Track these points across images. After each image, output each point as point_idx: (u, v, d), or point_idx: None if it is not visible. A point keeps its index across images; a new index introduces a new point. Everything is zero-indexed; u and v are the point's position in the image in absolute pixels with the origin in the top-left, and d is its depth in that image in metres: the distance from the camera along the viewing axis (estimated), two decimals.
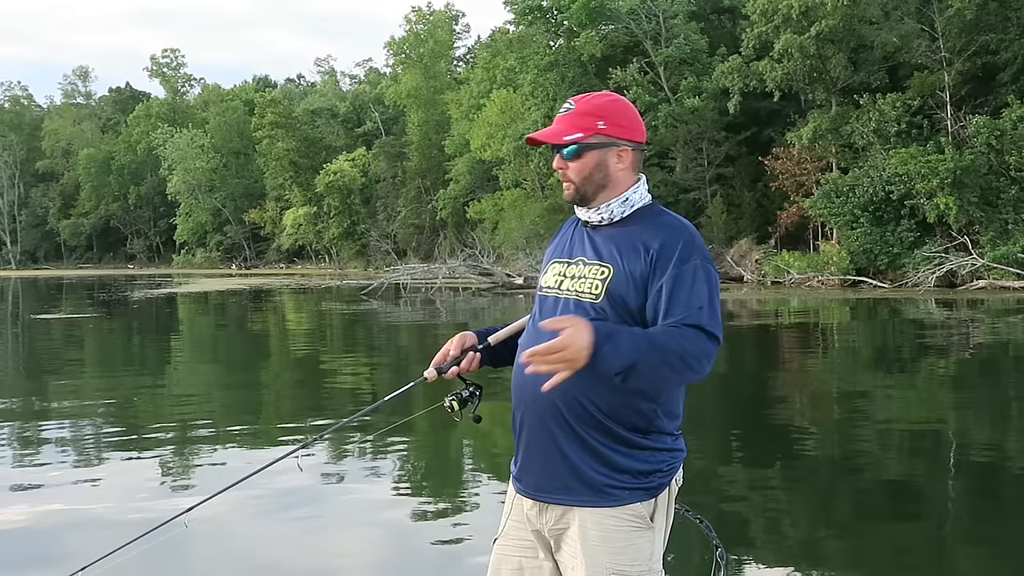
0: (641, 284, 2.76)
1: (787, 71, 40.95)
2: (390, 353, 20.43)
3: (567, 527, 2.84)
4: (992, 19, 38.99)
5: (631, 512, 2.79)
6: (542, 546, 2.92)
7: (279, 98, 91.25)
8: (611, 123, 2.87)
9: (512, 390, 2.94)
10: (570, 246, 2.97)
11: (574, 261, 2.91)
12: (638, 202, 2.90)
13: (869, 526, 6.80)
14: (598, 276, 2.82)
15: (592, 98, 2.93)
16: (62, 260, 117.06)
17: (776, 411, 12.12)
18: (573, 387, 2.69)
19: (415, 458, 9.39)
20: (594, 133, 2.86)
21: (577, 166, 2.88)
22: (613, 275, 2.79)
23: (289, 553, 6.31)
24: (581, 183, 2.89)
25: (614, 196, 2.88)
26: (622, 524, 2.79)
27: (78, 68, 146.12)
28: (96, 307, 37.47)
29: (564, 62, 52.82)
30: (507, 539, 2.99)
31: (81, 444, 10.05)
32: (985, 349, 18.80)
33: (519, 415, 2.91)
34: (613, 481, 2.78)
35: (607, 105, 2.90)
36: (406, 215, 71.56)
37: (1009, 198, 35.93)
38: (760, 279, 43.16)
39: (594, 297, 2.80)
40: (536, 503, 2.88)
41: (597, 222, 2.91)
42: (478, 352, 3.15)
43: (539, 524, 2.89)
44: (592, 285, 2.82)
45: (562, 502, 2.83)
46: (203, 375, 17.06)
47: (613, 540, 2.78)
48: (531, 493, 2.89)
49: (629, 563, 2.78)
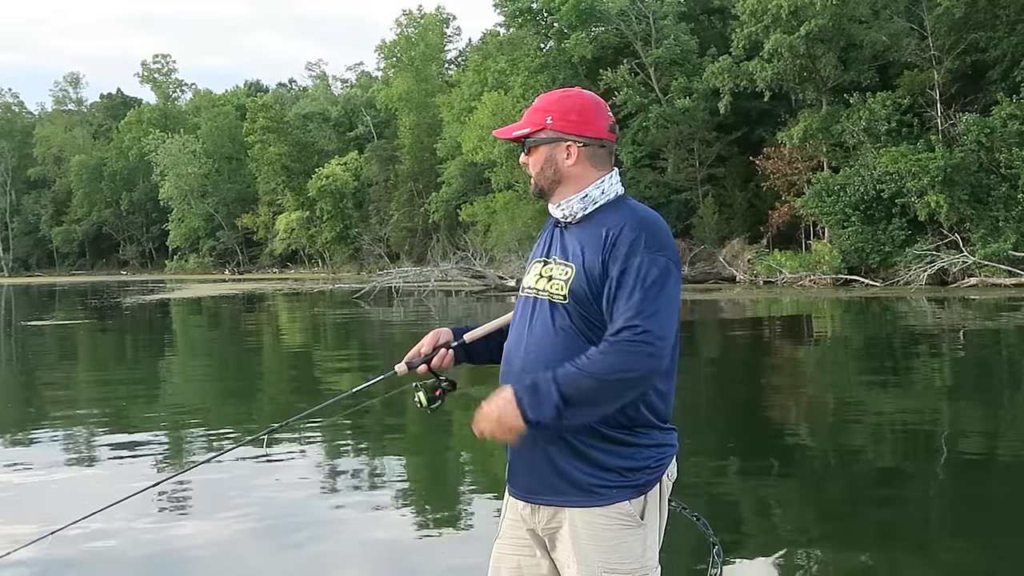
0: (600, 278, 2.76)
1: (777, 71, 40.97)
2: (383, 355, 20.42)
3: (559, 526, 2.85)
4: (981, 17, 39.06)
5: (619, 511, 2.79)
6: (538, 545, 2.93)
7: (271, 103, 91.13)
8: (559, 118, 2.88)
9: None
10: (547, 246, 2.98)
11: (549, 260, 2.93)
12: (601, 198, 2.88)
13: (859, 518, 6.83)
14: (563, 276, 2.83)
15: (551, 94, 2.97)
16: (55, 267, 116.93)
17: (768, 407, 12.14)
18: None
19: (410, 464, 9.39)
20: (542, 128, 2.88)
21: (532, 161, 2.93)
22: (575, 275, 2.81)
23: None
24: (536, 177, 2.93)
25: (572, 193, 2.89)
26: (611, 523, 2.79)
27: (69, 74, 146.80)
28: (88, 313, 37.43)
29: (555, 64, 52.85)
30: (505, 539, 3.01)
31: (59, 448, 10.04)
32: (974, 346, 18.83)
33: None
34: (600, 480, 2.78)
35: (558, 100, 2.92)
36: (399, 218, 71.50)
37: (999, 196, 35.99)
38: (752, 279, 43.18)
39: (562, 298, 2.82)
40: (528, 504, 2.90)
41: (562, 219, 2.94)
42: (451, 349, 3.16)
43: (533, 524, 2.91)
44: (558, 286, 2.84)
45: (552, 503, 2.84)
46: (191, 379, 17.03)
47: (603, 539, 2.78)
48: (523, 495, 2.91)
49: (620, 562, 2.78)
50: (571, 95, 2.95)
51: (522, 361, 2.86)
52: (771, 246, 45.48)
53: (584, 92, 2.98)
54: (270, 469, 8.62)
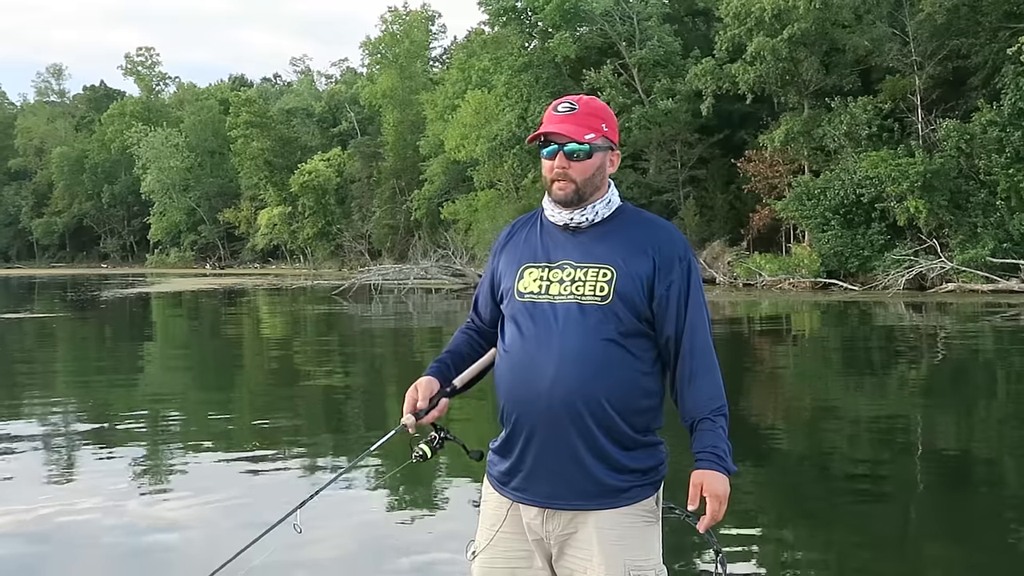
0: (647, 285, 2.84)
1: (759, 74, 41.04)
2: (362, 356, 20.38)
3: (575, 531, 2.86)
4: (963, 24, 39.21)
5: (643, 507, 2.88)
6: (541, 554, 2.92)
7: (254, 97, 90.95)
8: (611, 128, 2.95)
9: (509, 401, 2.91)
10: (544, 250, 2.95)
11: (556, 265, 2.91)
12: (616, 202, 2.96)
13: (839, 518, 6.92)
14: (600, 278, 2.84)
15: (591, 100, 2.99)
16: (35, 259, 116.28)
17: (747, 408, 12.13)
18: (596, 385, 2.78)
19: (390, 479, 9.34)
20: (601, 136, 2.91)
21: (582, 167, 2.89)
22: (618, 276, 2.83)
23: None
24: (583, 184, 2.89)
25: (599, 198, 2.93)
26: (636, 520, 2.86)
27: (52, 66, 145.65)
28: (66, 307, 37.22)
29: (538, 63, 52.76)
30: (495, 551, 2.97)
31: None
32: (952, 350, 18.91)
33: (525, 426, 2.87)
34: (626, 482, 2.85)
35: (606, 109, 3.00)
36: (381, 215, 71.42)
37: (978, 202, 36.13)
38: (732, 281, 43.24)
39: (600, 299, 2.82)
40: (543, 511, 2.88)
41: (578, 224, 2.92)
42: (446, 398, 3.09)
43: (542, 532, 2.89)
44: (596, 287, 2.83)
45: (577, 507, 2.84)
46: (166, 375, 16.94)
47: (630, 537, 2.84)
48: (541, 501, 2.88)
49: (645, 558, 2.86)
50: (606, 106, 3.05)
51: (556, 369, 2.80)
52: (751, 249, 45.58)
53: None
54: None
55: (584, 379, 2.78)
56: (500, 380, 2.96)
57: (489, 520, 2.99)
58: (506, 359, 2.93)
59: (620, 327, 2.81)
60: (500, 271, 3.04)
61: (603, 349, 2.80)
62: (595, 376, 2.78)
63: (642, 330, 2.85)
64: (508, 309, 2.96)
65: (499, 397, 2.95)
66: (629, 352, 2.82)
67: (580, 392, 2.77)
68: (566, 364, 2.79)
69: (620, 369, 2.81)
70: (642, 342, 2.86)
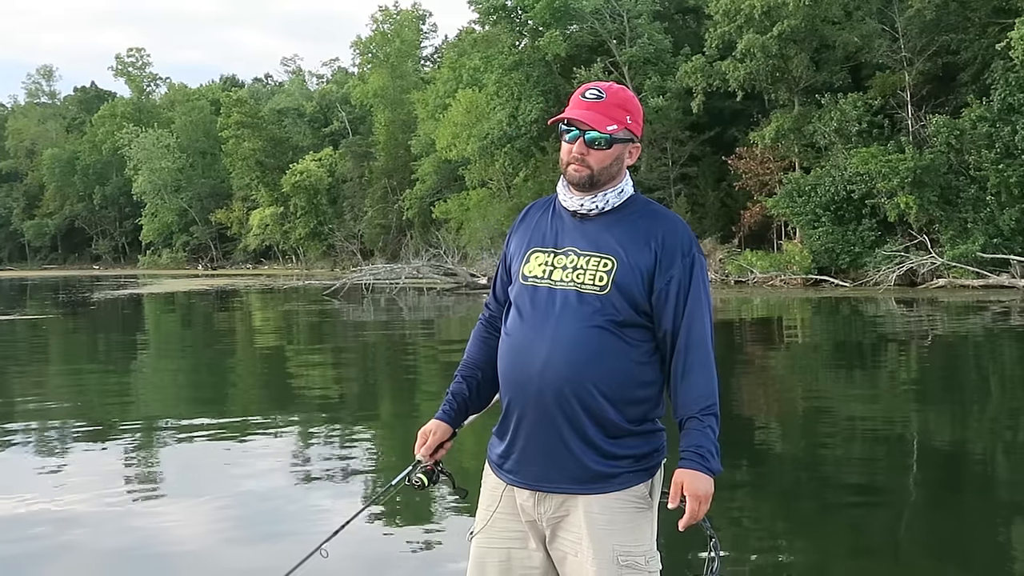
0: (647, 278, 2.85)
1: (750, 71, 41.10)
2: (353, 351, 20.39)
3: (567, 514, 2.88)
4: (952, 20, 39.34)
5: (634, 493, 2.87)
6: (535, 536, 2.94)
7: (245, 97, 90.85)
8: (635, 120, 2.97)
9: (505, 383, 2.96)
10: (552, 235, 2.98)
11: (562, 251, 2.93)
12: (628, 192, 2.98)
13: (831, 517, 6.95)
14: (601, 268, 2.86)
15: (619, 90, 2.98)
16: (26, 261, 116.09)
17: (739, 406, 12.16)
18: (587, 373, 2.80)
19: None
20: (624, 128, 2.93)
21: (601, 156, 2.91)
22: (618, 267, 2.85)
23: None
24: (599, 172, 2.92)
25: (613, 187, 2.95)
26: (627, 506, 2.86)
27: (42, 67, 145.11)
28: (57, 308, 37.16)
29: (529, 62, 52.73)
30: (492, 531, 3.00)
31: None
32: (942, 346, 18.96)
33: (516, 408, 2.91)
34: (617, 468, 2.85)
35: (633, 100, 2.99)
36: (372, 215, 71.37)
37: (968, 197, 36.24)
38: (724, 278, 43.24)
39: (599, 289, 2.84)
40: (534, 493, 2.90)
41: (588, 211, 2.94)
42: (450, 441, 3.15)
43: (535, 514, 2.91)
44: (595, 277, 2.85)
45: (567, 491, 2.86)
46: (156, 376, 16.95)
47: (619, 523, 2.85)
48: (531, 484, 2.91)
49: (635, 544, 2.86)
50: (634, 96, 3.04)
51: (548, 354, 2.83)
52: (742, 246, 45.66)
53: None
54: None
55: (575, 366, 2.79)
56: (500, 362, 2.99)
57: (486, 501, 3.03)
58: (506, 341, 2.97)
59: (617, 317, 2.83)
60: (511, 253, 3.09)
61: (597, 337, 2.81)
62: (587, 364, 2.80)
63: (640, 322, 2.87)
64: (513, 291, 3.01)
65: (499, 378, 3.00)
66: (625, 342, 2.84)
67: (569, 378, 2.79)
68: (558, 349, 2.81)
69: (614, 358, 2.82)
70: (640, 332, 2.87)
